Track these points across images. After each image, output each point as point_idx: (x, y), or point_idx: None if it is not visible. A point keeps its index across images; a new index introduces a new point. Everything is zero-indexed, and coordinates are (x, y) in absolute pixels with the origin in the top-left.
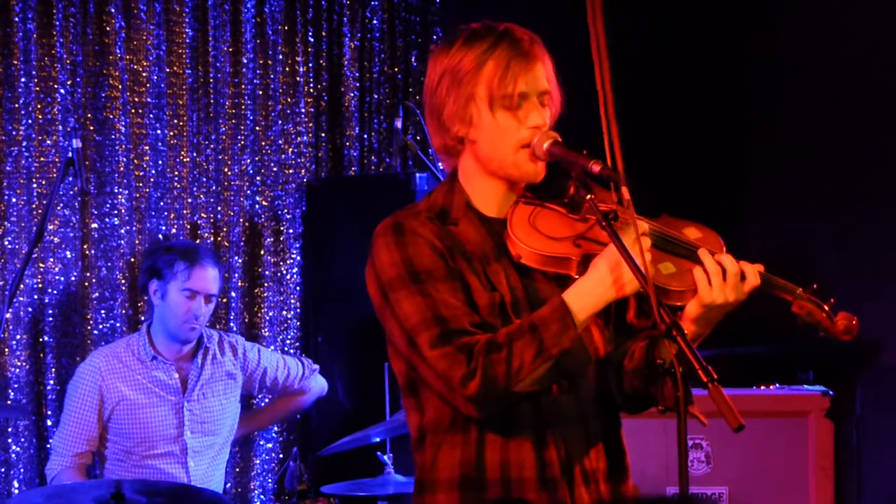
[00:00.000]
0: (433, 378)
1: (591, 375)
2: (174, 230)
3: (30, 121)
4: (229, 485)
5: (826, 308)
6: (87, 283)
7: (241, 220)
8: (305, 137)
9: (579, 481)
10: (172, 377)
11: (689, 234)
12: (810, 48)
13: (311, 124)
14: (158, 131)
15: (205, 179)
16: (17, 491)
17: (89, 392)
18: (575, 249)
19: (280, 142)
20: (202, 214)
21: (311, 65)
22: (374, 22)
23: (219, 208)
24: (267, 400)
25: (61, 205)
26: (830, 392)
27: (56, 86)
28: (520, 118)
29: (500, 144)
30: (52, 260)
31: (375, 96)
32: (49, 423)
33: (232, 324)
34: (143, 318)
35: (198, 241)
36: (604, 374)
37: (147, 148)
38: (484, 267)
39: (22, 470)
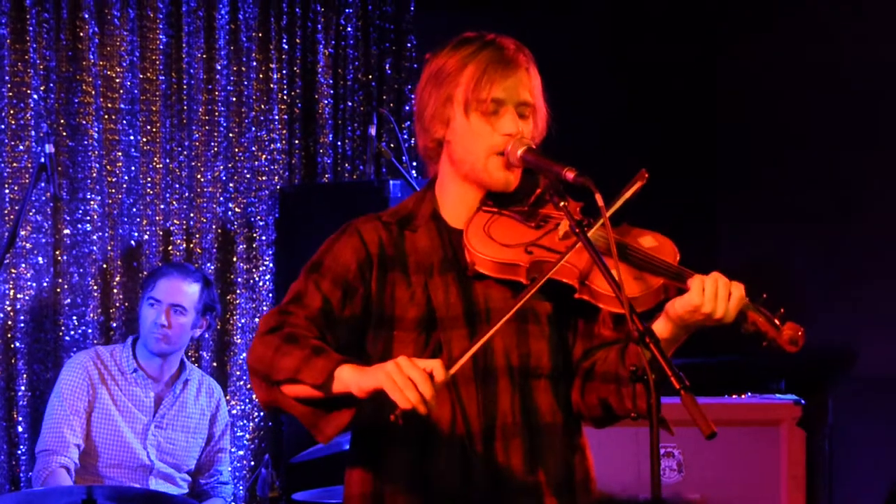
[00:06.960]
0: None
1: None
2: (147, 236)
3: (2, 126)
4: None
5: (776, 321)
6: (59, 290)
7: (214, 226)
8: (279, 144)
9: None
10: (148, 395)
11: (645, 243)
12: (782, 54)
13: (284, 131)
14: (131, 137)
15: (178, 186)
16: None
17: (80, 385)
18: (526, 256)
19: (253, 148)
20: (175, 221)
21: (284, 72)
22: (349, 29)
23: (192, 215)
24: None
25: (33, 210)
26: (802, 401)
27: (29, 91)
28: (493, 124)
29: (472, 148)
30: (23, 266)
31: (349, 103)
32: (20, 429)
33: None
34: (114, 325)
35: (170, 248)
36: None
37: (120, 154)
38: (426, 279)
39: None
